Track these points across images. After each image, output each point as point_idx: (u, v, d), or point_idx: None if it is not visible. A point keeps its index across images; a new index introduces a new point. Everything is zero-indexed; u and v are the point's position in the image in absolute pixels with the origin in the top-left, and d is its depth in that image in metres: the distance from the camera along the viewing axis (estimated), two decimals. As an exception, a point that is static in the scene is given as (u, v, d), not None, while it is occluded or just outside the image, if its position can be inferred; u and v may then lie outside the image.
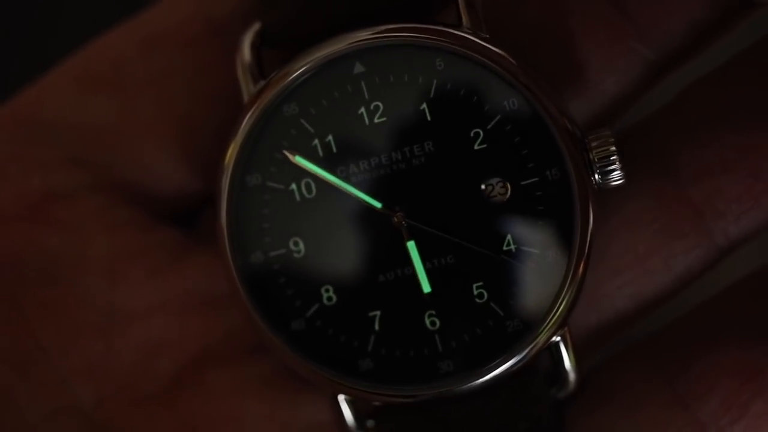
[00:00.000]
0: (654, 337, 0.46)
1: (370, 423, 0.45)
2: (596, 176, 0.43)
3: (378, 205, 0.43)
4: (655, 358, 0.46)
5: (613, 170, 0.43)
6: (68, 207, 0.46)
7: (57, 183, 0.46)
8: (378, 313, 0.44)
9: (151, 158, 0.46)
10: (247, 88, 0.44)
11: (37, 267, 0.45)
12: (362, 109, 0.43)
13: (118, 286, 0.46)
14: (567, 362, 0.44)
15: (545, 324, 0.43)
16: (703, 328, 0.46)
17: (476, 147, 0.43)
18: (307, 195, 0.44)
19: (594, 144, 0.43)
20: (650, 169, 0.46)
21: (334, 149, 0.43)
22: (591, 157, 0.43)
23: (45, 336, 0.45)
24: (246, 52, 0.44)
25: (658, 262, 0.46)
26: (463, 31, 0.43)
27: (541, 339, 0.43)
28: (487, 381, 0.43)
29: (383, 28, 0.43)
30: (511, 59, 0.43)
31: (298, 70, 0.43)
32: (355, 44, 0.43)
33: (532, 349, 0.43)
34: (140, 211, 0.46)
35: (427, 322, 0.44)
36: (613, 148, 0.43)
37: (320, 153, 0.44)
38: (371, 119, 0.43)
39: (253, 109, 0.43)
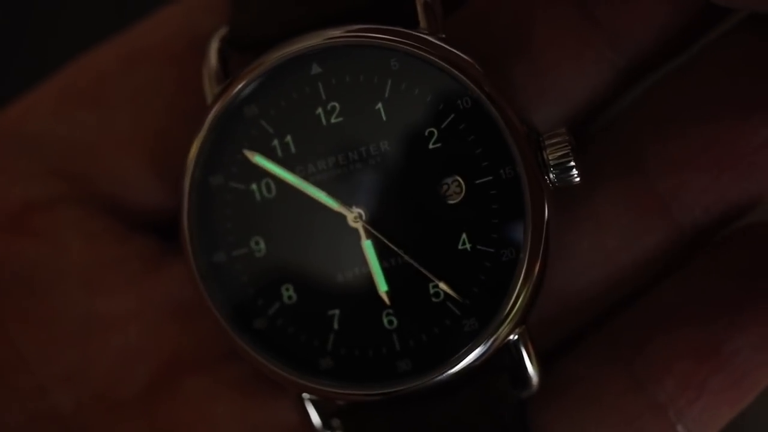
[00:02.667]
0: (609, 323, 0.46)
1: (335, 422, 0.45)
2: (551, 175, 0.43)
3: (335, 204, 0.44)
4: (612, 345, 0.46)
5: (569, 169, 0.42)
6: (47, 217, 0.47)
7: (36, 194, 0.47)
8: (337, 311, 0.44)
9: (128, 172, 0.47)
10: (211, 90, 0.45)
11: (15, 275, 0.46)
12: (319, 110, 0.44)
13: (95, 294, 0.46)
14: (527, 361, 0.44)
15: (502, 322, 0.43)
16: (657, 310, 0.46)
17: (431, 146, 0.43)
18: (267, 195, 0.44)
19: (548, 143, 0.43)
20: (618, 164, 0.46)
21: (293, 149, 0.44)
22: (545, 156, 0.43)
23: (23, 343, 0.46)
24: (212, 55, 0.45)
25: (627, 257, 0.46)
26: (418, 32, 0.43)
27: (498, 338, 0.43)
28: (445, 379, 0.43)
29: (339, 29, 0.43)
30: (464, 58, 0.43)
31: (257, 71, 0.44)
32: (311, 45, 0.43)
33: (489, 347, 0.43)
34: (117, 221, 0.47)
35: (385, 321, 0.44)
36: (568, 147, 0.42)
37: (279, 153, 0.44)
38: (328, 119, 0.44)
39: (214, 111, 0.44)
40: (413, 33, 0.43)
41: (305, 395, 0.45)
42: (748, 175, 0.45)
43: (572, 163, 0.42)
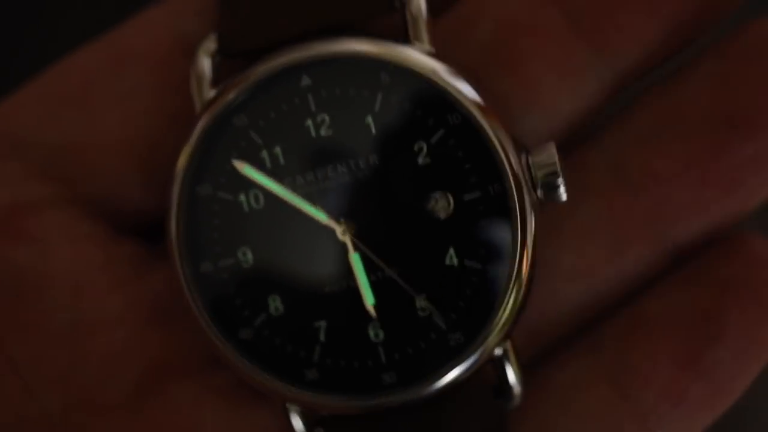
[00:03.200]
0: (591, 333, 0.47)
1: (319, 431, 0.45)
2: (539, 192, 0.43)
3: (323, 217, 0.44)
4: (593, 354, 0.46)
5: (557, 186, 0.43)
6: (34, 220, 0.47)
7: (24, 197, 0.47)
8: (323, 323, 0.44)
9: (115, 175, 0.47)
10: (199, 97, 0.45)
11: (3, 279, 0.46)
12: (309, 122, 0.44)
13: (82, 297, 0.46)
14: (511, 375, 0.44)
15: (487, 338, 0.43)
16: (639, 321, 0.46)
17: (420, 161, 0.43)
18: (255, 206, 0.44)
19: (536, 160, 0.43)
20: (602, 177, 0.46)
21: (282, 161, 0.44)
22: (533, 173, 0.43)
23: (12, 347, 0.46)
24: (201, 62, 0.45)
25: (610, 270, 0.46)
26: (408, 46, 0.43)
27: (483, 352, 0.43)
28: (430, 393, 0.43)
29: (329, 41, 0.43)
30: (454, 73, 0.43)
31: (247, 81, 0.44)
32: (302, 57, 0.43)
33: (474, 362, 0.43)
34: (105, 225, 0.47)
35: (371, 333, 0.44)
36: (556, 165, 0.43)
37: (268, 164, 0.44)
38: (318, 131, 0.44)
39: (203, 121, 0.44)
40: (403, 47, 0.43)
41: (290, 405, 0.45)
42: (730, 192, 0.46)
43: (560, 181, 0.43)
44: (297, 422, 0.45)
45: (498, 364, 0.44)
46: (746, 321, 0.45)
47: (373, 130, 0.44)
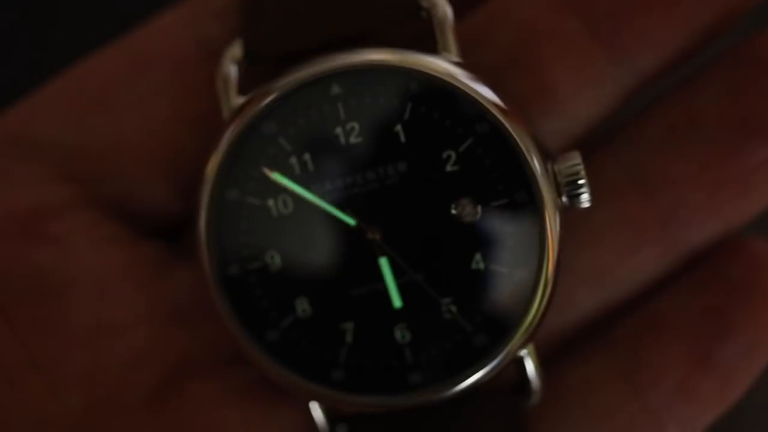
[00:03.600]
0: (605, 332, 0.48)
1: (342, 427, 0.46)
2: (564, 198, 0.44)
3: (351, 222, 0.45)
4: (608, 352, 0.48)
5: (581, 193, 0.44)
6: (57, 222, 0.47)
7: (46, 199, 0.47)
8: (350, 325, 0.45)
9: (137, 177, 0.48)
10: (227, 103, 0.45)
11: (26, 281, 0.46)
12: (338, 129, 0.45)
13: (104, 299, 0.47)
14: (532, 374, 0.46)
15: (512, 340, 0.44)
16: (652, 321, 0.48)
17: (448, 168, 0.44)
18: (283, 211, 0.45)
19: (561, 167, 0.44)
20: (617, 180, 0.48)
21: (311, 167, 0.45)
22: (558, 179, 0.44)
23: (34, 348, 0.46)
24: (226, 68, 0.45)
25: (625, 271, 0.48)
26: (435, 56, 0.44)
27: (507, 354, 0.45)
28: (454, 394, 0.45)
29: (359, 52, 0.44)
30: (482, 82, 0.44)
31: (278, 90, 0.44)
32: (331, 66, 0.44)
33: (499, 363, 0.45)
34: (126, 226, 0.48)
35: (398, 335, 0.45)
36: (581, 172, 0.44)
37: (297, 170, 0.45)
38: (347, 139, 0.45)
39: (232, 127, 0.44)
40: (431, 57, 0.44)
41: (314, 403, 0.46)
42: (743, 194, 0.47)
43: (584, 189, 0.44)
44: (320, 419, 0.46)
45: (520, 364, 0.46)
46: (751, 319, 0.47)
47: (402, 138, 0.44)
